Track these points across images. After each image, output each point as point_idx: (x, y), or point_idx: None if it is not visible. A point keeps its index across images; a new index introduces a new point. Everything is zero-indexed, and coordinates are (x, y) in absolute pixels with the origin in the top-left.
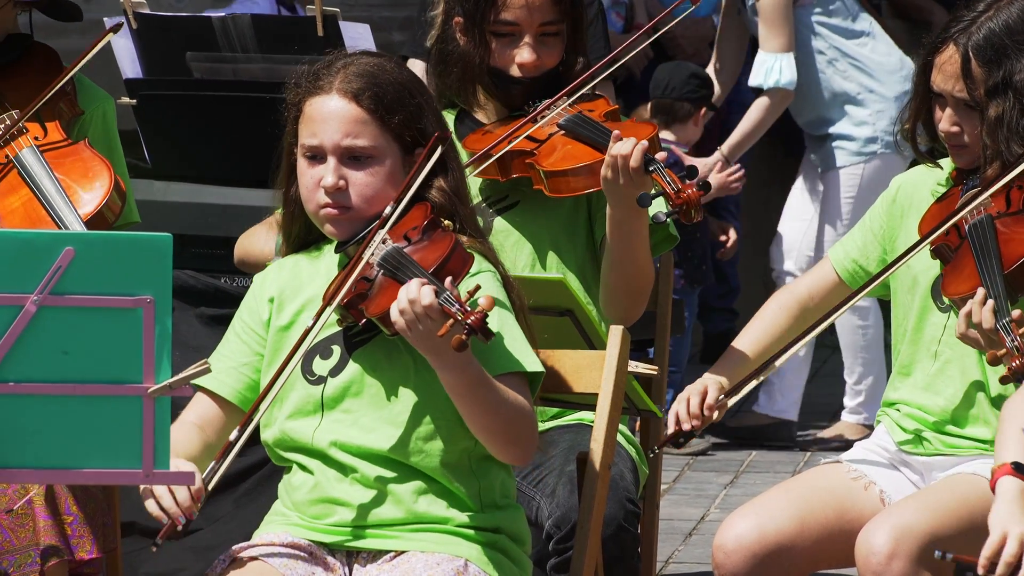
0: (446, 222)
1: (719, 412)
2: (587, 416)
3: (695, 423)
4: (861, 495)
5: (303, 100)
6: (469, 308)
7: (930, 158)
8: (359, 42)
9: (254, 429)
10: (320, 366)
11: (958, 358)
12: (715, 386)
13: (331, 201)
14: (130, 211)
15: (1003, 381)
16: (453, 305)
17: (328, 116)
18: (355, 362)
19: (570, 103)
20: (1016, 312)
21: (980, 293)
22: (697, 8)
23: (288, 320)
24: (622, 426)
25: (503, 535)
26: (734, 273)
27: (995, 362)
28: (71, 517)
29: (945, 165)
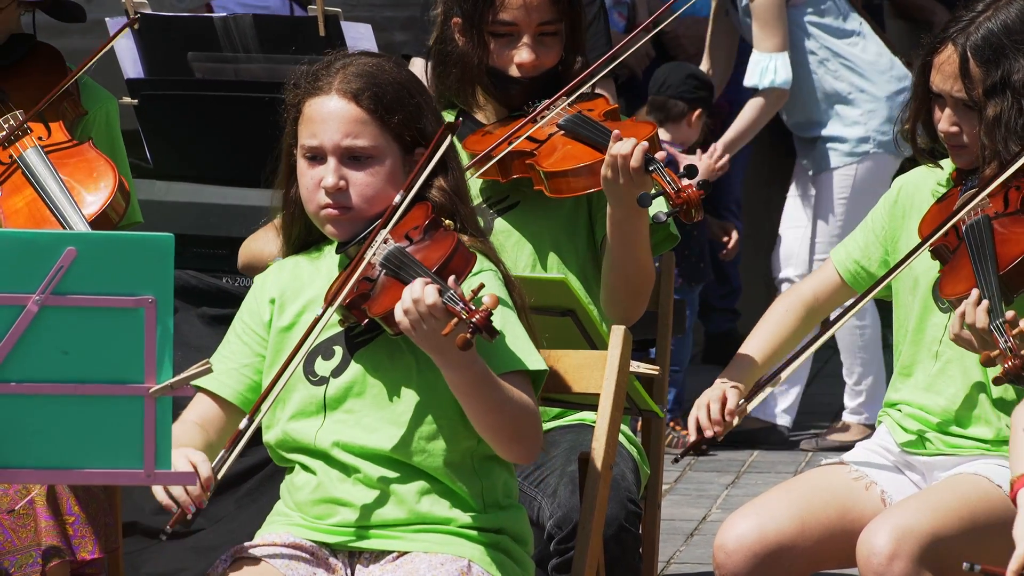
0: (447, 222)
1: (739, 417)
2: (589, 416)
3: (717, 429)
4: (862, 495)
5: (302, 101)
6: (473, 307)
7: (931, 158)
8: (361, 42)
9: (256, 429)
10: (322, 367)
11: (959, 358)
12: (734, 391)
13: (332, 202)
14: (133, 211)
15: (996, 382)
16: (457, 304)
17: (328, 116)
18: (357, 362)
19: (569, 103)
20: (1010, 313)
21: (974, 294)
22: (699, 8)
23: (289, 321)
24: (624, 426)
25: (506, 535)
26: (735, 273)
27: (989, 363)
28: (73, 517)
29: (946, 165)
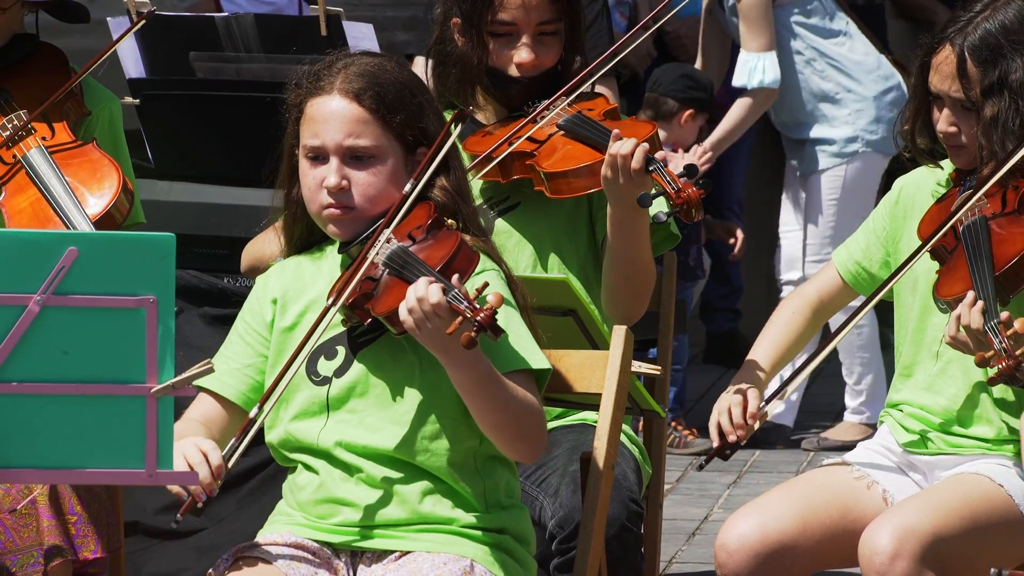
0: (449, 221)
1: (760, 421)
2: (590, 416)
3: (740, 433)
4: (864, 495)
5: (304, 101)
6: (478, 305)
7: (931, 159)
8: (362, 42)
9: (258, 430)
10: (325, 367)
11: (960, 358)
12: (754, 394)
13: (334, 201)
14: (136, 212)
15: (991, 383)
16: (462, 302)
17: (330, 116)
18: (360, 362)
19: (569, 103)
20: (1004, 314)
21: (970, 296)
22: (699, 7)
23: (292, 321)
24: (625, 426)
25: (508, 535)
26: (737, 273)
27: (983, 364)
28: (75, 517)
29: (946, 166)
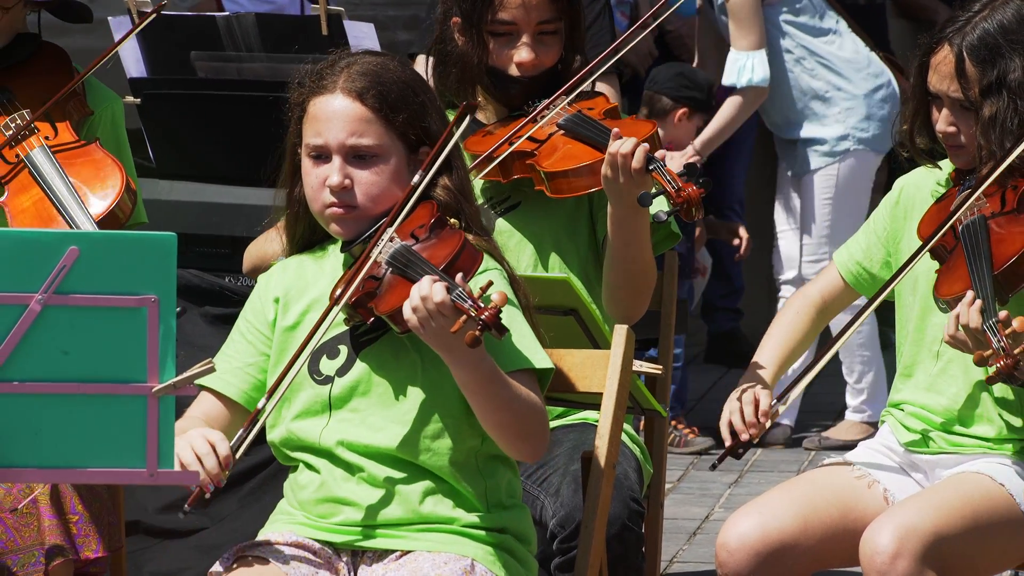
0: (452, 220)
1: (772, 419)
2: (591, 415)
3: (753, 432)
4: (865, 494)
5: (307, 100)
6: (482, 304)
7: (930, 159)
8: (363, 41)
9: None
10: (327, 366)
11: (960, 357)
12: (765, 393)
13: (337, 200)
14: (139, 212)
15: (989, 381)
16: (466, 301)
17: (332, 115)
18: (362, 361)
19: (569, 102)
20: (1003, 313)
21: (968, 295)
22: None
23: (294, 320)
24: (626, 425)
25: (509, 535)
26: (738, 273)
27: (982, 363)
28: (76, 516)
29: (945, 166)
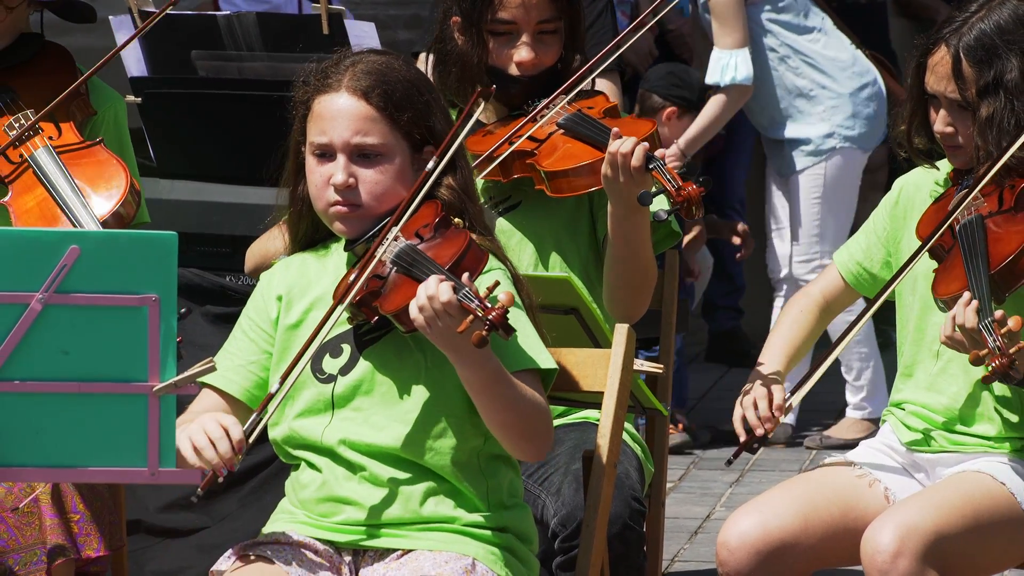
0: (456, 219)
1: (786, 413)
2: (592, 414)
3: (768, 427)
4: (866, 493)
5: (312, 98)
6: (489, 304)
7: (928, 159)
8: (364, 40)
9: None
10: (330, 364)
11: (960, 356)
12: (778, 388)
13: (341, 199)
14: (142, 212)
15: (985, 381)
16: (472, 301)
17: (338, 114)
18: (365, 360)
19: (569, 101)
20: (999, 312)
21: (965, 296)
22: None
23: (297, 318)
24: (627, 424)
25: (510, 534)
26: (739, 272)
27: (977, 362)
28: (77, 515)
29: (944, 166)
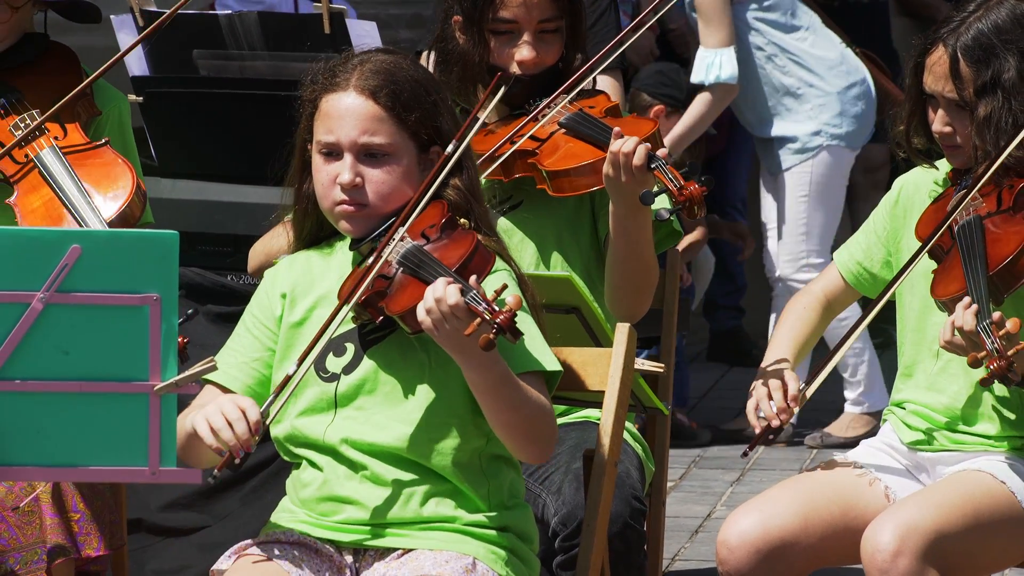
0: (462, 220)
1: (801, 403)
2: (593, 414)
3: (784, 417)
4: (866, 491)
5: (319, 97)
6: (497, 307)
7: (926, 159)
8: (366, 39)
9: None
10: (334, 363)
11: (959, 356)
12: (792, 377)
13: (347, 198)
14: (146, 212)
15: (983, 383)
16: (480, 304)
17: (345, 113)
18: (369, 359)
19: (570, 100)
20: (996, 314)
21: (965, 300)
22: None
23: (301, 316)
24: (628, 423)
25: (511, 533)
26: (740, 271)
27: (976, 364)
28: (78, 514)
29: (943, 165)
